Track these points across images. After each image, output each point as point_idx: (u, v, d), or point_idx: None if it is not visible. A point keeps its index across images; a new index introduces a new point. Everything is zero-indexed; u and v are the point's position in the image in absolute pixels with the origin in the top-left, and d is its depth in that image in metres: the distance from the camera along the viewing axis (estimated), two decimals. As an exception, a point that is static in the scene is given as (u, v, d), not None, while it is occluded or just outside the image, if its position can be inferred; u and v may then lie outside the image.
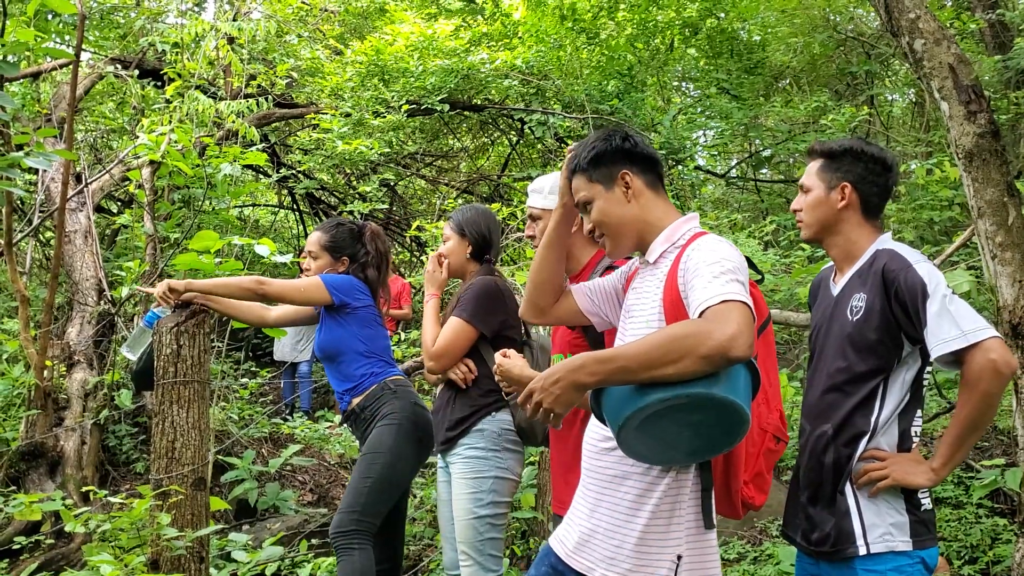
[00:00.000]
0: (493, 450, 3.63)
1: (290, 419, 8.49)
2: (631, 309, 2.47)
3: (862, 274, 2.61)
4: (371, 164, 10.69)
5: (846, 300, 2.62)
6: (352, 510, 3.74)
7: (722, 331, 1.99)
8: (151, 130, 6.69)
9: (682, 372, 2.01)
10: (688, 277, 2.24)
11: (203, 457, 3.86)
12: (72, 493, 5.97)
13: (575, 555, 2.38)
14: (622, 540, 2.31)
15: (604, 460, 2.39)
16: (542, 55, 10.76)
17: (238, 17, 10.05)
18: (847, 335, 2.56)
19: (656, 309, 2.35)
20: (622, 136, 2.49)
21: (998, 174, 3.71)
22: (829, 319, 2.68)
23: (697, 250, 2.28)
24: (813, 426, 2.63)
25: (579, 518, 2.43)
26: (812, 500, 2.62)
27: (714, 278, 2.15)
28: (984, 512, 4.40)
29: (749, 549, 4.83)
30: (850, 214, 2.68)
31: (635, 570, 2.29)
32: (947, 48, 3.80)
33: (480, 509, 3.57)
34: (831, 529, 2.54)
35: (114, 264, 8.61)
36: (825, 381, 2.62)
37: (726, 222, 9.08)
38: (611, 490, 2.35)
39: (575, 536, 2.40)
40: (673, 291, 2.31)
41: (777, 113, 10.65)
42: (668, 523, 2.30)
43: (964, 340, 2.35)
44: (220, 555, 5.21)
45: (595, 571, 2.33)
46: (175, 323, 3.83)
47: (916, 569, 2.47)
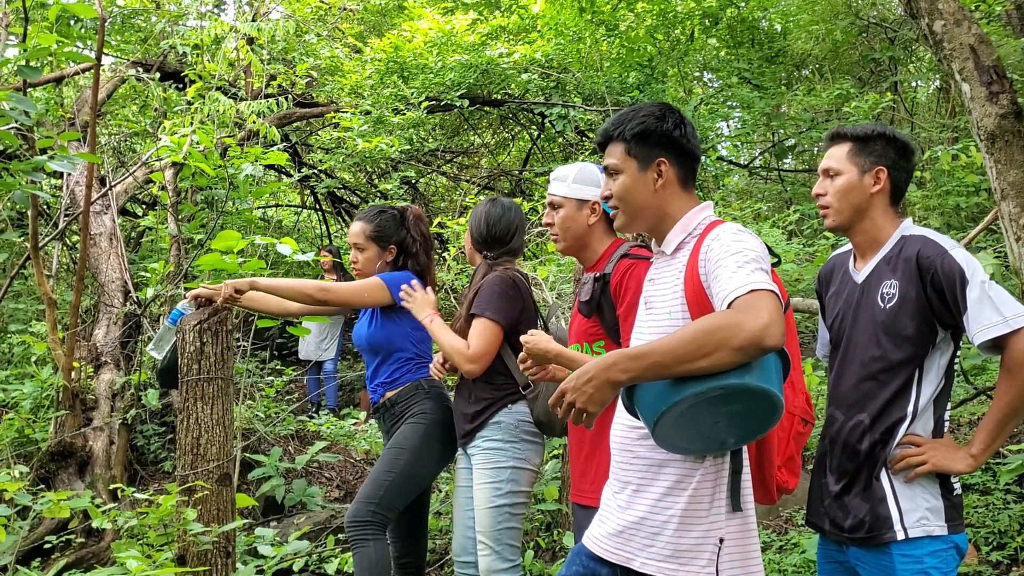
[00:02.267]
0: (511, 441, 3.64)
1: (316, 417, 8.53)
2: (650, 300, 2.45)
3: (890, 260, 2.58)
4: (392, 162, 10.72)
5: (875, 287, 2.58)
6: (370, 501, 3.76)
7: (754, 322, 1.99)
8: (173, 132, 6.73)
9: (716, 365, 2.00)
10: (711, 267, 2.23)
11: (228, 453, 3.89)
12: (101, 492, 6.02)
13: (612, 548, 2.37)
14: (662, 526, 2.29)
15: (639, 448, 2.37)
16: (561, 48, 10.74)
17: (257, 18, 10.10)
18: (880, 323, 2.53)
19: (678, 300, 2.33)
20: (676, 121, 2.43)
21: (1021, 155, 3.66)
22: (856, 306, 2.64)
23: (717, 240, 2.27)
24: (847, 415, 2.60)
25: (613, 510, 2.41)
26: (846, 488, 2.59)
27: (739, 267, 2.14)
28: (1012, 498, 4.35)
29: (775, 538, 4.81)
30: (880, 199, 2.65)
31: (677, 555, 2.27)
32: (967, 28, 3.75)
33: (499, 499, 3.58)
34: (866, 515, 2.52)
35: (139, 266, 8.68)
36: (859, 370, 2.59)
37: (749, 212, 9.03)
38: (650, 478, 2.34)
39: (611, 528, 2.39)
40: (695, 282, 2.29)
41: (800, 102, 10.57)
42: (709, 507, 2.29)
43: (1007, 326, 2.35)
44: (248, 551, 5.25)
45: (634, 560, 2.31)
46: (198, 321, 3.86)
47: (950, 554, 2.47)
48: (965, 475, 3.28)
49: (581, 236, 3.21)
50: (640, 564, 2.31)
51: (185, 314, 3.98)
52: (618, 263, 3.00)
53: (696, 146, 2.48)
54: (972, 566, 3.99)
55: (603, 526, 2.43)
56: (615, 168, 2.45)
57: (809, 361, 5.86)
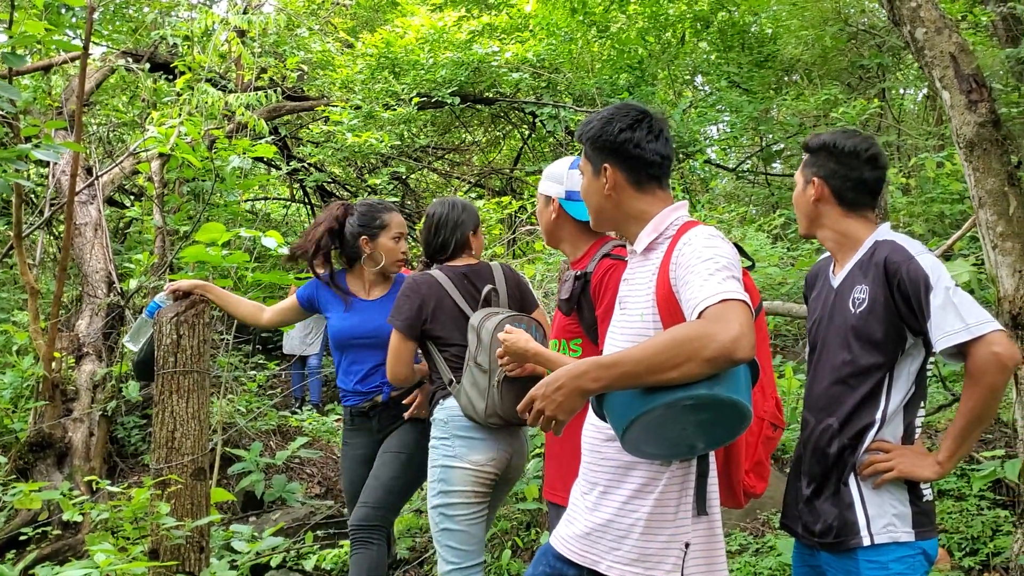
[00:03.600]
0: (442, 439, 3.56)
1: (299, 412, 8.52)
2: (624, 300, 2.44)
3: (863, 265, 2.59)
4: (382, 157, 10.72)
5: (847, 292, 2.60)
6: (380, 507, 3.78)
7: (725, 333, 1.97)
8: (161, 123, 6.72)
9: (686, 376, 1.99)
10: (681, 272, 2.21)
11: (203, 447, 3.88)
12: (80, 484, 6.00)
13: (579, 550, 2.37)
14: (628, 529, 2.29)
15: (607, 450, 2.36)
16: (553, 48, 10.75)
17: (249, 10, 10.07)
18: (851, 327, 2.55)
19: (649, 302, 2.33)
20: (624, 125, 2.40)
21: (999, 164, 3.68)
22: (831, 310, 2.66)
23: (689, 244, 2.25)
24: (818, 419, 2.62)
25: (581, 512, 2.41)
26: (816, 492, 2.61)
27: (710, 275, 2.11)
28: (986, 504, 4.38)
29: (751, 541, 4.82)
30: (827, 208, 2.69)
31: (643, 559, 2.27)
32: (948, 37, 3.77)
33: (432, 499, 3.53)
34: (834, 520, 2.53)
35: (124, 257, 8.66)
36: (830, 374, 2.60)
37: (736, 215, 9.05)
38: (617, 480, 2.34)
39: (578, 530, 2.38)
40: (665, 285, 2.28)
41: (788, 107, 10.61)
42: (675, 511, 2.29)
43: (968, 333, 2.35)
44: (225, 546, 5.24)
45: (601, 563, 2.31)
46: (175, 313, 3.85)
47: (918, 560, 2.48)
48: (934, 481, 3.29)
49: (550, 231, 3.22)
50: (607, 567, 2.30)
51: (162, 307, 3.97)
52: (600, 262, 2.99)
53: (652, 149, 2.40)
54: (945, 571, 4.01)
55: (571, 527, 2.42)
56: (581, 169, 2.51)
57: (790, 365, 5.87)
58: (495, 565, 4.88)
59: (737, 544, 4.80)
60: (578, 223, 3.15)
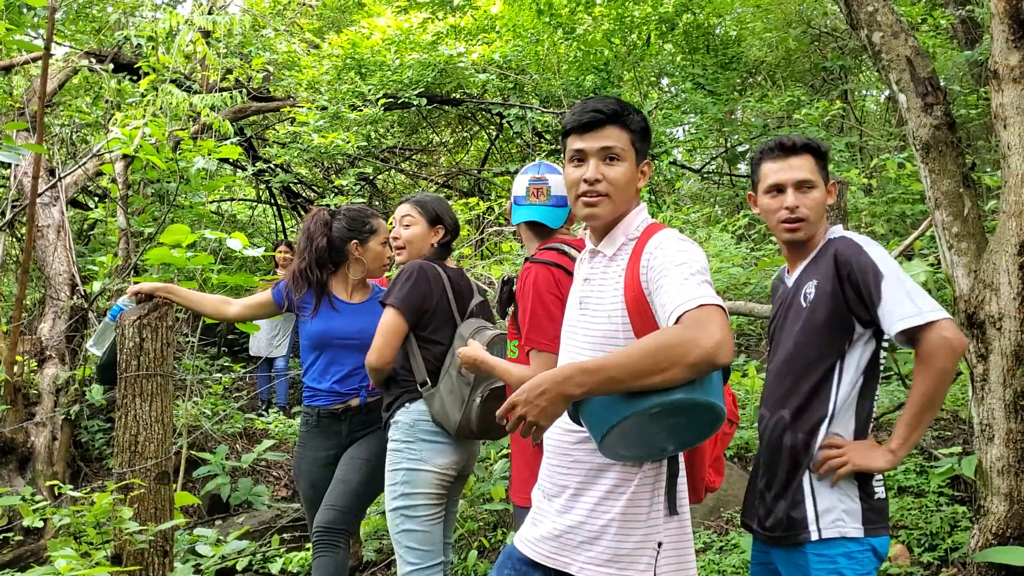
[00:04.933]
0: (407, 442, 3.56)
1: (265, 414, 8.48)
2: (586, 300, 2.42)
3: (816, 262, 2.65)
4: (349, 158, 10.68)
5: (800, 288, 2.65)
6: (348, 511, 3.77)
7: (708, 339, 1.99)
8: (125, 124, 6.66)
9: (669, 381, 2.00)
10: (654, 276, 2.22)
11: (167, 451, 3.86)
12: (42, 489, 5.95)
13: (548, 552, 2.36)
14: (601, 531, 2.29)
15: (577, 453, 2.36)
16: (520, 49, 10.77)
17: (214, 11, 10.01)
18: (802, 320, 2.60)
19: (618, 304, 2.32)
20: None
21: (954, 165, 3.75)
22: (786, 309, 2.71)
23: (661, 248, 2.26)
24: (771, 412, 2.65)
25: (548, 515, 2.40)
26: (768, 486, 2.64)
27: (685, 280, 2.13)
28: (944, 500, 4.45)
29: (715, 539, 4.87)
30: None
31: (616, 559, 2.28)
32: (904, 41, 3.83)
33: (393, 501, 3.53)
34: (784, 515, 2.56)
35: (88, 259, 8.57)
36: (780, 368, 2.65)
37: (701, 216, 9.12)
38: (588, 482, 2.33)
39: (545, 532, 2.38)
40: (636, 288, 2.28)
41: (752, 108, 10.71)
42: (648, 511, 2.30)
43: (920, 318, 2.40)
44: (190, 550, 5.21)
45: (572, 565, 2.31)
46: (137, 316, 3.83)
47: (866, 556, 2.50)
48: (896, 478, 3.34)
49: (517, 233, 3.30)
50: (578, 568, 2.30)
51: (126, 310, 3.94)
52: (523, 266, 3.00)
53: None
54: (904, 567, 4.07)
55: (536, 529, 2.42)
56: (617, 153, 2.35)
57: (753, 364, 5.94)
58: (461, 566, 4.90)
59: (701, 542, 4.84)
60: (528, 225, 3.23)
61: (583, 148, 2.35)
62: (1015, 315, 3.50)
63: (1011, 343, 3.51)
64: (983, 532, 3.60)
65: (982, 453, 3.65)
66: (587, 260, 2.50)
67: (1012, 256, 3.49)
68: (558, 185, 3.25)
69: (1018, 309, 3.50)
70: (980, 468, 3.66)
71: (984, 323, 3.58)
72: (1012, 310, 3.50)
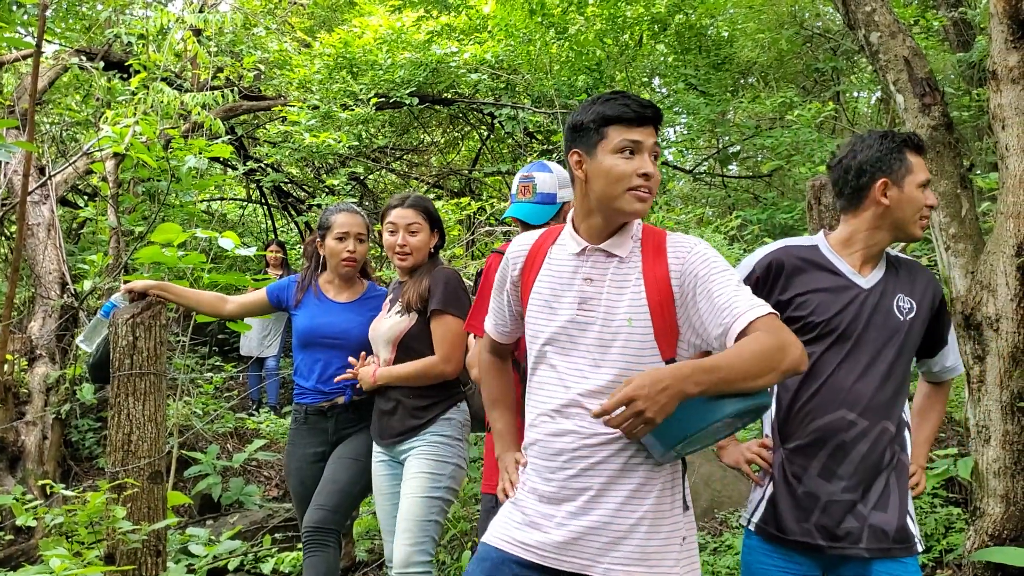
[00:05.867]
0: (458, 440, 3.64)
1: (256, 414, 8.44)
2: (592, 301, 2.33)
3: (896, 273, 2.68)
4: (340, 157, 10.65)
5: (889, 297, 2.62)
6: (337, 510, 3.75)
7: (796, 347, 2.09)
8: (115, 122, 6.62)
9: (765, 384, 2.07)
10: (698, 281, 2.25)
11: (159, 450, 3.84)
12: (33, 488, 5.91)
13: (562, 556, 2.29)
14: (630, 529, 2.25)
15: (604, 453, 2.28)
16: (511, 49, 10.75)
17: (205, 9, 9.96)
18: (905, 333, 2.59)
19: (642, 307, 2.28)
20: None
21: (951, 166, 3.75)
22: (871, 311, 2.60)
23: (695, 252, 2.29)
24: (872, 421, 2.55)
25: (556, 518, 2.31)
26: (863, 497, 2.55)
27: (738, 287, 2.19)
28: (939, 502, 4.46)
29: (710, 539, 4.86)
30: None
31: (645, 558, 2.25)
32: (902, 41, 3.83)
33: (436, 491, 3.54)
34: (895, 527, 2.54)
35: (78, 257, 8.52)
36: (882, 377, 2.56)
37: (693, 217, 9.12)
38: (613, 482, 2.28)
39: (560, 537, 2.29)
40: (664, 291, 2.28)
41: (744, 109, 10.71)
42: (671, 507, 2.30)
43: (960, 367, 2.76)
44: (182, 550, 5.18)
45: (596, 567, 2.25)
46: (131, 315, 3.80)
47: None
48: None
49: None
50: (604, 570, 2.25)
51: (118, 307, 3.92)
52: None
53: None
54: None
55: (543, 534, 2.32)
56: (658, 153, 2.38)
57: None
58: (455, 566, 4.88)
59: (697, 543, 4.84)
60: (518, 221, 3.43)
61: (640, 140, 2.30)
62: (1012, 316, 3.50)
63: (1008, 345, 3.52)
64: (979, 534, 3.60)
65: (978, 455, 3.65)
66: (585, 259, 2.40)
67: (1010, 257, 3.50)
68: (544, 183, 3.31)
69: (1015, 311, 3.50)
70: (976, 470, 3.66)
71: (981, 324, 3.59)
72: (1009, 311, 3.51)
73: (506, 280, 2.53)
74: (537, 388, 2.39)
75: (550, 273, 2.42)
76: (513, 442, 2.65)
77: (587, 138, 2.32)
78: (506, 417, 2.70)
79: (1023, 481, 3.56)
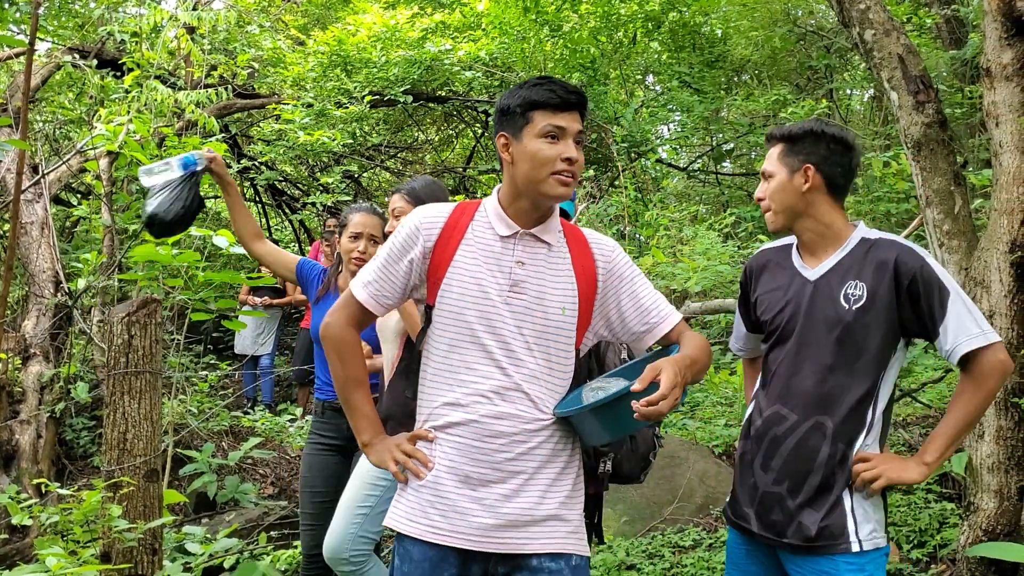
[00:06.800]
0: None
1: (251, 412, 8.44)
2: (523, 285, 2.36)
3: (855, 261, 2.55)
4: (334, 155, 10.65)
5: (833, 286, 2.55)
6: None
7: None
8: (109, 120, 6.61)
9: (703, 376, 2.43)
10: (623, 281, 2.47)
11: (155, 448, 3.83)
12: (27, 487, 5.90)
13: (497, 537, 2.31)
14: (559, 507, 2.36)
15: (538, 439, 2.35)
16: (505, 47, 10.76)
17: (198, 6, 9.94)
18: (846, 324, 2.50)
19: (573, 297, 2.39)
20: None
21: (945, 164, 3.77)
22: (809, 303, 2.58)
23: (617, 252, 2.50)
24: (803, 415, 2.55)
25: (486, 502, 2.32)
26: (792, 492, 2.55)
27: (656, 291, 2.49)
28: (933, 497, 4.47)
29: (704, 536, 4.88)
30: (817, 196, 2.61)
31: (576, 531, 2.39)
32: (896, 39, 3.84)
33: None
34: (817, 525, 2.50)
35: (72, 256, 8.51)
36: (818, 371, 2.54)
37: (687, 214, 9.14)
38: (544, 465, 2.36)
39: (492, 520, 2.31)
40: (590, 284, 2.44)
41: (738, 107, 10.73)
42: (580, 485, 2.47)
43: (984, 339, 2.42)
44: (177, 548, 5.17)
45: (531, 544, 2.31)
46: (126, 313, 3.80)
47: (883, 560, 2.52)
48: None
49: None
50: (541, 545, 2.31)
51: (197, 163, 3.79)
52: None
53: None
54: (894, 564, 4.09)
55: (472, 518, 2.32)
56: (581, 140, 2.42)
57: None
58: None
59: (691, 539, 4.85)
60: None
61: (563, 126, 2.33)
62: (1006, 312, 3.52)
63: (1002, 340, 3.52)
64: (973, 528, 3.62)
65: (972, 450, 3.67)
66: (515, 242, 2.41)
67: (1003, 254, 3.51)
68: None
69: (1009, 306, 3.52)
70: (970, 465, 3.68)
71: (975, 320, 3.60)
72: (1003, 307, 3.52)
73: (411, 249, 2.43)
74: (464, 367, 2.35)
75: (474, 250, 2.40)
76: (380, 425, 2.54)
77: (513, 122, 2.37)
78: (369, 399, 2.53)
79: (1016, 476, 3.57)
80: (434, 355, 2.40)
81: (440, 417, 2.38)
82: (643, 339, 2.47)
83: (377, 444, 2.48)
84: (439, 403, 2.38)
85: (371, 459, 2.48)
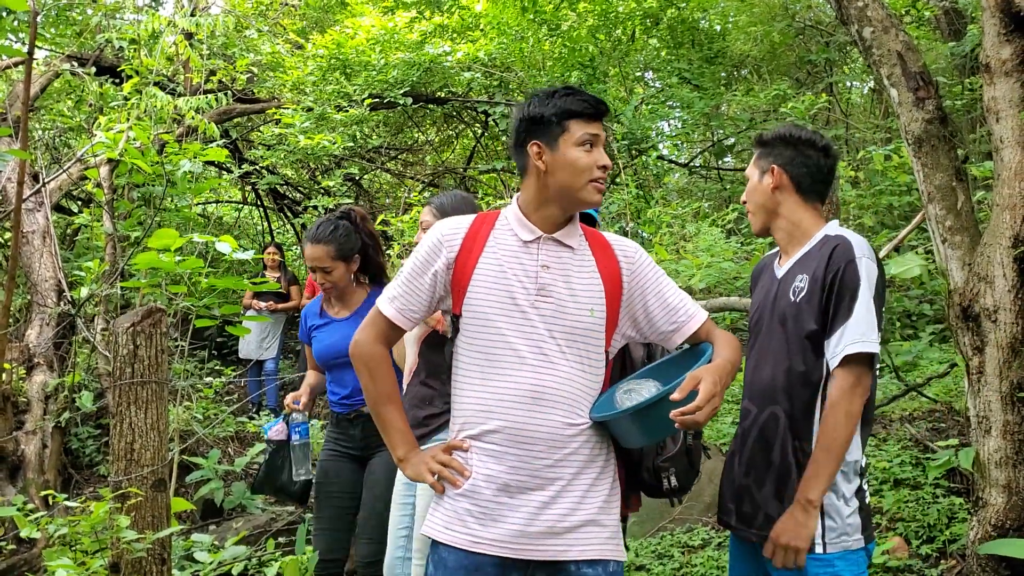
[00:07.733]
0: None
1: (256, 417, 8.44)
2: (550, 288, 2.36)
3: (810, 256, 2.60)
4: (335, 158, 10.66)
5: (789, 282, 2.61)
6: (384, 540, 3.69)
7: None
8: (108, 128, 6.61)
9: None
10: (648, 281, 2.47)
11: (163, 458, 3.83)
12: (34, 498, 5.90)
13: (538, 544, 2.30)
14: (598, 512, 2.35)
15: (575, 444, 2.34)
16: (504, 47, 10.75)
17: (196, 12, 9.94)
18: (792, 316, 2.55)
19: (600, 299, 2.40)
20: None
21: (947, 159, 3.76)
22: (772, 300, 2.67)
23: (640, 254, 2.50)
24: (760, 407, 2.61)
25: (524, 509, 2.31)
26: (758, 482, 2.59)
27: (681, 290, 2.50)
28: (941, 492, 4.46)
29: (714, 535, 4.87)
30: (785, 196, 2.69)
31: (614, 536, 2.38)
32: (895, 35, 3.84)
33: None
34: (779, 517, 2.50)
35: (73, 264, 8.52)
36: (772, 363, 2.59)
37: (689, 211, 9.13)
38: (581, 471, 2.35)
39: (534, 528, 2.30)
40: (615, 285, 2.44)
41: (738, 102, 10.71)
42: (618, 490, 2.45)
43: (863, 346, 2.42)
44: (185, 556, 5.18)
45: (570, 551, 2.30)
46: (131, 323, 3.79)
47: (861, 557, 2.51)
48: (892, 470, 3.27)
49: None
50: (579, 552, 2.31)
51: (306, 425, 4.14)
52: None
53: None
54: (903, 560, 4.08)
55: (510, 526, 2.31)
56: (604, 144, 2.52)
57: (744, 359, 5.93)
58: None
59: (700, 539, 4.85)
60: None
61: (597, 134, 2.40)
62: (1010, 307, 3.51)
63: (1007, 335, 3.52)
64: (982, 524, 3.61)
65: (979, 445, 3.66)
66: (538, 247, 2.42)
67: (1006, 249, 3.50)
68: None
69: (1013, 301, 3.51)
70: (978, 460, 3.67)
71: (979, 316, 3.59)
72: (1007, 302, 3.51)
73: (435, 261, 2.43)
74: (496, 373, 2.34)
75: (498, 257, 2.41)
76: (413, 439, 2.53)
77: (548, 131, 2.38)
78: (402, 413, 2.53)
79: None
80: (464, 362, 2.40)
81: (476, 426, 2.37)
82: (671, 338, 2.48)
83: (412, 458, 2.48)
84: (473, 411, 2.38)
85: (407, 473, 2.47)
